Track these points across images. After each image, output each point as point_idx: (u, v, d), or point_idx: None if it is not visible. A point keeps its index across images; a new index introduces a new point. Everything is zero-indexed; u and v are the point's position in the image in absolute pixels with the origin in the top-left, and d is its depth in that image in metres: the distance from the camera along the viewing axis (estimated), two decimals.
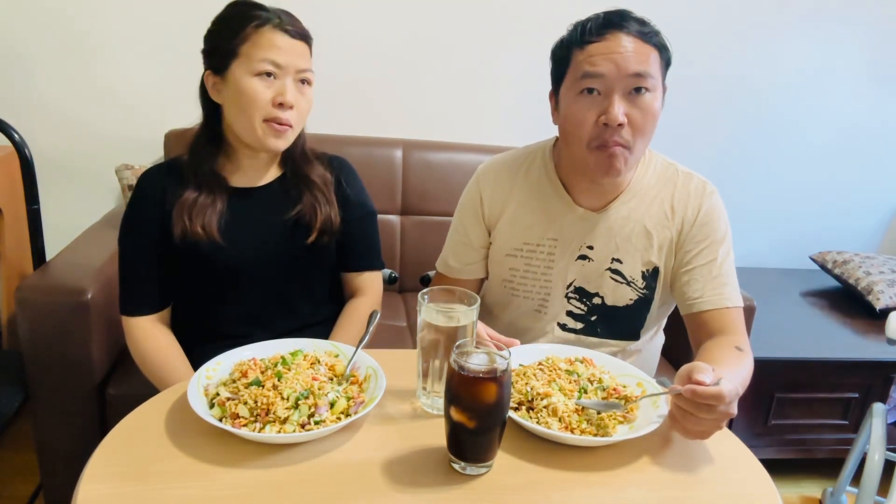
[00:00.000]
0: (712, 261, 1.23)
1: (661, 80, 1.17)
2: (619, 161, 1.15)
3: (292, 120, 1.20)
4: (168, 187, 1.24)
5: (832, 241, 2.72)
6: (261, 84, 1.17)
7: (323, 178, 1.31)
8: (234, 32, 1.18)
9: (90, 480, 0.80)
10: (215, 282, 1.27)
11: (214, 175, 1.25)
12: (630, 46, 1.11)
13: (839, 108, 2.59)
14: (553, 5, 2.25)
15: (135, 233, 1.25)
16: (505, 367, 0.82)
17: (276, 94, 1.18)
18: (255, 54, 1.16)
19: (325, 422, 0.90)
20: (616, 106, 1.11)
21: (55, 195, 2.10)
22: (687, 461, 0.92)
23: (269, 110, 1.18)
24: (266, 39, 1.17)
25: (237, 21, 1.18)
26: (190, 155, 1.27)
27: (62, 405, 1.56)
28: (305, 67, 1.21)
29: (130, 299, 1.26)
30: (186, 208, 1.21)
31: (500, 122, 2.40)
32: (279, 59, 1.17)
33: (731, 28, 2.41)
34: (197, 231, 1.20)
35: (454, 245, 1.38)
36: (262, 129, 1.19)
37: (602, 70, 1.11)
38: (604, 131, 1.13)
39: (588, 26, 1.14)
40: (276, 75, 1.17)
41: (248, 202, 1.28)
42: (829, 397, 2.07)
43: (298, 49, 1.20)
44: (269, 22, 1.17)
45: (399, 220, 2.22)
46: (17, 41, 2.05)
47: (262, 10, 1.19)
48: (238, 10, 1.20)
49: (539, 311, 1.32)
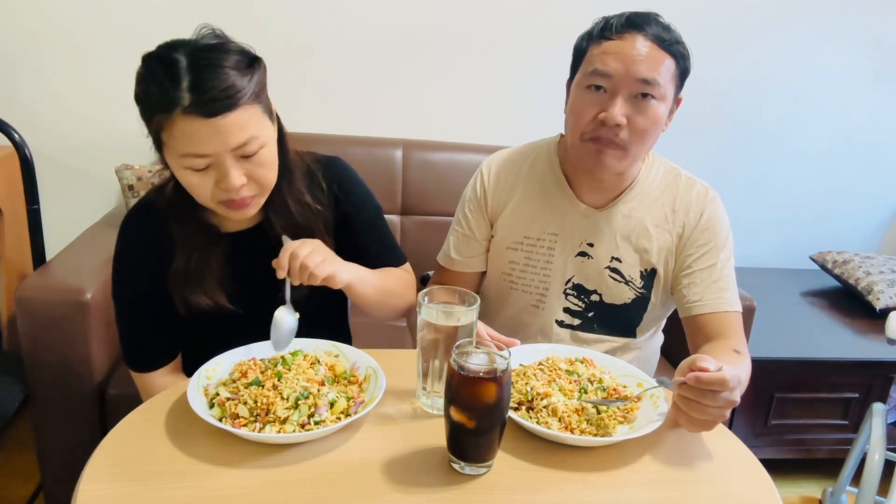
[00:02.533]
0: (712, 265, 1.23)
1: (674, 90, 1.16)
2: (608, 158, 1.16)
3: (251, 193, 1.02)
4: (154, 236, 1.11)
5: (832, 242, 2.72)
6: (195, 176, 0.99)
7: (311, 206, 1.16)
8: (148, 119, 0.97)
9: (90, 480, 0.80)
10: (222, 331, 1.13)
11: (202, 226, 1.12)
12: (644, 51, 1.11)
13: (839, 108, 2.59)
14: (553, 5, 2.25)
15: (128, 288, 1.14)
16: (505, 367, 0.82)
17: (218, 181, 0.99)
18: (175, 147, 0.96)
19: (325, 422, 0.90)
20: (617, 106, 1.12)
21: (55, 195, 2.10)
22: (687, 461, 0.92)
23: (219, 194, 1.01)
24: (179, 130, 0.94)
25: (147, 104, 0.97)
26: (170, 205, 1.10)
27: (62, 405, 1.56)
28: (242, 142, 0.96)
29: (139, 356, 1.16)
30: (182, 280, 1.09)
31: (500, 122, 2.40)
32: (201, 149, 0.95)
33: (730, 29, 2.41)
34: (200, 303, 1.10)
35: (456, 238, 1.38)
36: (220, 209, 1.04)
37: (610, 70, 1.12)
38: (600, 127, 1.14)
39: (611, 22, 1.14)
40: (209, 164, 0.97)
41: (245, 246, 1.15)
42: (829, 397, 2.07)
43: (226, 127, 0.94)
44: (178, 107, 0.92)
45: (399, 220, 2.22)
46: (17, 42, 2.05)
47: (169, 86, 0.92)
48: (145, 86, 0.96)
49: (537, 307, 1.32)
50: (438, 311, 0.95)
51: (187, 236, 1.10)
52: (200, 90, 0.92)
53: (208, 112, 0.93)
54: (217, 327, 1.15)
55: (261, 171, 1.02)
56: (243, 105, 0.95)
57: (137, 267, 1.13)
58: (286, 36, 2.16)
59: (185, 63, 0.94)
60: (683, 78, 1.18)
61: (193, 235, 1.10)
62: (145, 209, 1.14)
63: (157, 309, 1.14)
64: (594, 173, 1.21)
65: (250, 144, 0.98)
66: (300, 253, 1.01)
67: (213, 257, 1.11)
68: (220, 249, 1.12)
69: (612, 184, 1.25)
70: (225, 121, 0.94)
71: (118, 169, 2.03)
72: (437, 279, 1.42)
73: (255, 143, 0.98)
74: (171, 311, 1.14)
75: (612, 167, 1.18)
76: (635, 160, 1.21)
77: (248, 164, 0.99)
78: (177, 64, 0.94)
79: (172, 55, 0.95)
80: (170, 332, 1.17)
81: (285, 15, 2.14)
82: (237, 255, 1.15)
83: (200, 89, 0.92)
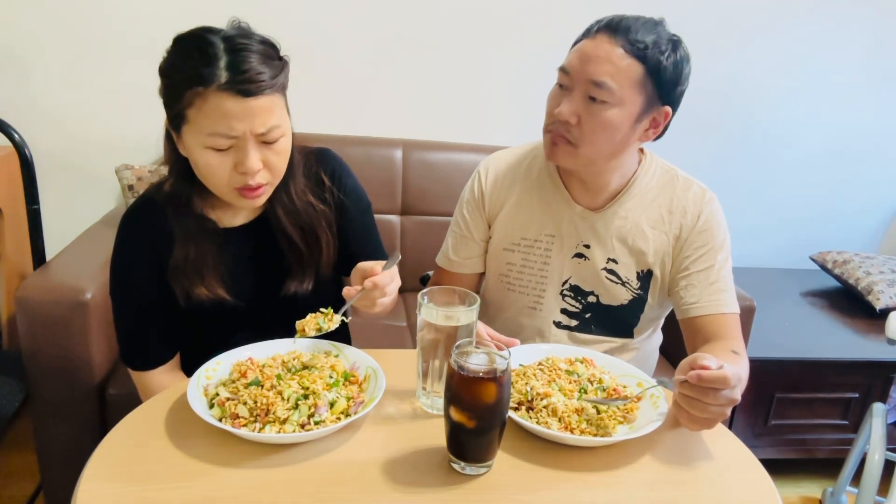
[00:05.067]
0: (710, 267, 1.23)
1: (643, 98, 1.12)
2: (558, 151, 1.18)
3: (265, 180, 1.04)
4: (153, 232, 1.11)
5: (832, 242, 2.72)
6: (215, 157, 1.00)
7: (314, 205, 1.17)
8: (177, 94, 0.98)
9: (90, 480, 0.80)
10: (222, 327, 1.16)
11: (200, 220, 1.12)
12: (603, 53, 1.10)
13: (840, 108, 2.59)
14: (553, 5, 2.25)
15: (126, 286, 1.14)
16: (505, 367, 0.82)
17: (237, 163, 1.01)
18: (203, 125, 0.97)
19: (325, 422, 0.89)
20: (568, 103, 1.13)
21: (55, 195, 2.10)
22: (687, 461, 0.92)
23: (234, 179, 1.02)
24: (212, 107, 0.96)
25: (179, 79, 0.98)
26: (168, 199, 1.11)
27: (62, 405, 1.56)
28: (267, 129, 0.99)
29: (137, 354, 1.16)
30: (182, 271, 1.10)
31: (500, 122, 2.40)
32: (231, 130, 0.97)
33: (730, 30, 2.41)
34: (200, 294, 1.11)
35: (455, 239, 1.38)
36: (232, 196, 1.05)
37: (568, 67, 1.14)
38: (554, 120, 1.16)
39: (597, 23, 1.15)
40: (231, 145, 1.00)
41: (243, 242, 1.16)
42: (829, 397, 2.07)
43: (257, 109, 0.97)
44: (214, 82, 0.95)
45: (399, 220, 2.22)
46: (17, 41, 2.05)
47: (207, 63, 0.95)
48: (179, 62, 0.99)
49: (534, 308, 1.32)
50: (438, 312, 0.95)
51: (186, 230, 1.11)
52: (237, 70, 0.96)
53: (244, 92, 0.96)
54: (217, 323, 1.15)
55: (277, 158, 1.04)
56: (274, 92, 1.00)
57: (136, 264, 1.12)
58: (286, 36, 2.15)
59: (222, 46, 0.97)
60: (663, 88, 1.13)
61: (191, 229, 1.11)
62: (144, 206, 1.14)
63: (155, 307, 1.14)
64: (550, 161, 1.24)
65: (274, 131, 1.01)
66: (388, 290, 1.03)
67: (211, 251, 1.11)
68: (218, 244, 1.12)
69: (607, 185, 1.25)
70: (258, 102, 0.97)
71: (118, 169, 2.03)
72: (435, 281, 1.42)
73: (277, 130, 1.02)
74: (170, 308, 1.14)
75: (563, 161, 1.20)
76: (593, 161, 1.18)
77: (266, 150, 1.02)
78: (214, 44, 0.97)
79: (208, 37, 0.98)
80: (168, 330, 1.17)
81: (285, 15, 2.14)
82: (235, 250, 1.15)
83: (237, 69, 0.96)
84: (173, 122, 1.03)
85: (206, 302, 1.12)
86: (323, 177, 1.21)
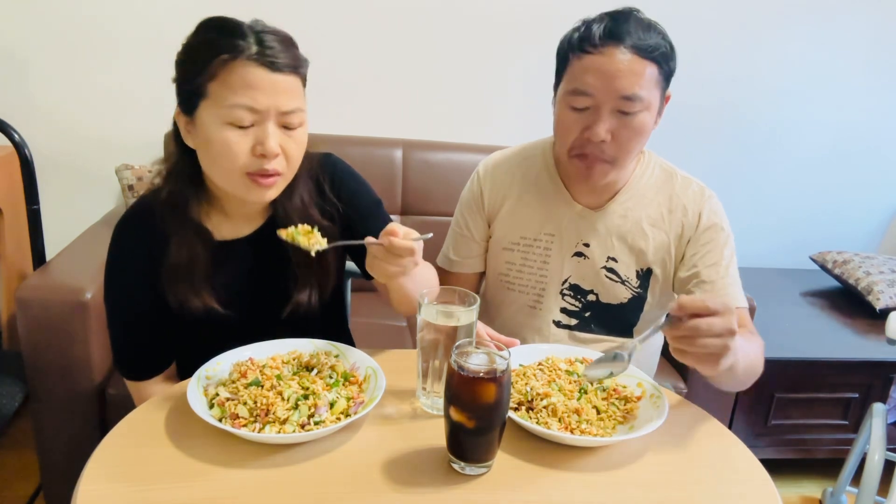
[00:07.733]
0: (717, 263, 1.23)
1: (660, 93, 1.15)
2: (596, 173, 1.17)
3: (280, 168, 1.01)
4: (148, 239, 1.08)
5: (832, 242, 2.72)
6: (234, 134, 0.97)
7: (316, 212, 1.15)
8: (201, 67, 0.96)
9: (90, 480, 0.80)
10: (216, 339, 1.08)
11: (195, 227, 1.09)
12: (624, 65, 1.09)
13: (840, 108, 2.59)
14: (553, 5, 2.25)
15: (120, 295, 1.11)
16: (505, 367, 0.82)
17: (255, 143, 0.98)
18: (226, 97, 0.95)
19: (325, 422, 0.89)
20: (601, 123, 1.11)
21: (55, 195, 2.10)
22: (687, 461, 0.92)
23: (249, 162, 0.99)
24: (238, 77, 0.94)
25: (204, 51, 0.96)
26: (165, 203, 1.08)
27: (62, 405, 1.56)
28: (291, 109, 0.98)
29: (132, 364, 1.14)
30: (174, 277, 1.07)
31: (501, 122, 2.41)
32: (255, 102, 0.95)
33: (730, 30, 2.41)
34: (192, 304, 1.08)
35: (455, 239, 1.38)
36: (243, 184, 1.01)
37: (591, 89, 1.11)
38: (587, 143, 1.14)
39: (591, 32, 1.11)
40: (253, 122, 0.97)
41: (238, 255, 1.13)
42: (829, 397, 2.07)
43: (282, 85, 0.97)
44: (243, 53, 0.94)
45: (399, 221, 2.22)
46: (17, 42, 2.05)
47: (236, 36, 0.95)
48: (207, 36, 0.98)
49: (534, 308, 1.32)
50: (438, 312, 0.95)
51: (180, 235, 1.07)
52: (266, 45, 0.96)
53: (272, 65, 0.96)
54: (211, 335, 1.11)
55: (295, 147, 1.02)
56: (298, 77, 1.01)
57: (130, 273, 1.10)
58: None
59: (250, 26, 0.98)
60: (669, 78, 1.16)
61: (185, 235, 1.08)
62: (139, 213, 1.11)
63: (149, 316, 1.11)
64: (586, 186, 1.24)
65: (296, 115, 1.00)
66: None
67: (203, 260, 1.08)
68: (210, 255, 1.09)
69: (607, 184, 1.25)
70: (285, 79, 0.97)
71: (118, 169, 2.03)
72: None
73: (299, 115, 1.00)
74: (165, 318, 1.11)
75: (601, 180, 1.19)
76: (625, 167, 1.21)
77: (285, 136, 1.00)
78: (242, 24, 0.98)
79: (233, 19, 0.99)
80: (162, 340, 1.14)
81: (285, 15, 2.14)
82: (228, 262, 1.12)
83: (266, 45, 0.96)
84: (188, 103, 1.00)
85: (199, 312, 1.09)
86: (325, 186, 1.18)
